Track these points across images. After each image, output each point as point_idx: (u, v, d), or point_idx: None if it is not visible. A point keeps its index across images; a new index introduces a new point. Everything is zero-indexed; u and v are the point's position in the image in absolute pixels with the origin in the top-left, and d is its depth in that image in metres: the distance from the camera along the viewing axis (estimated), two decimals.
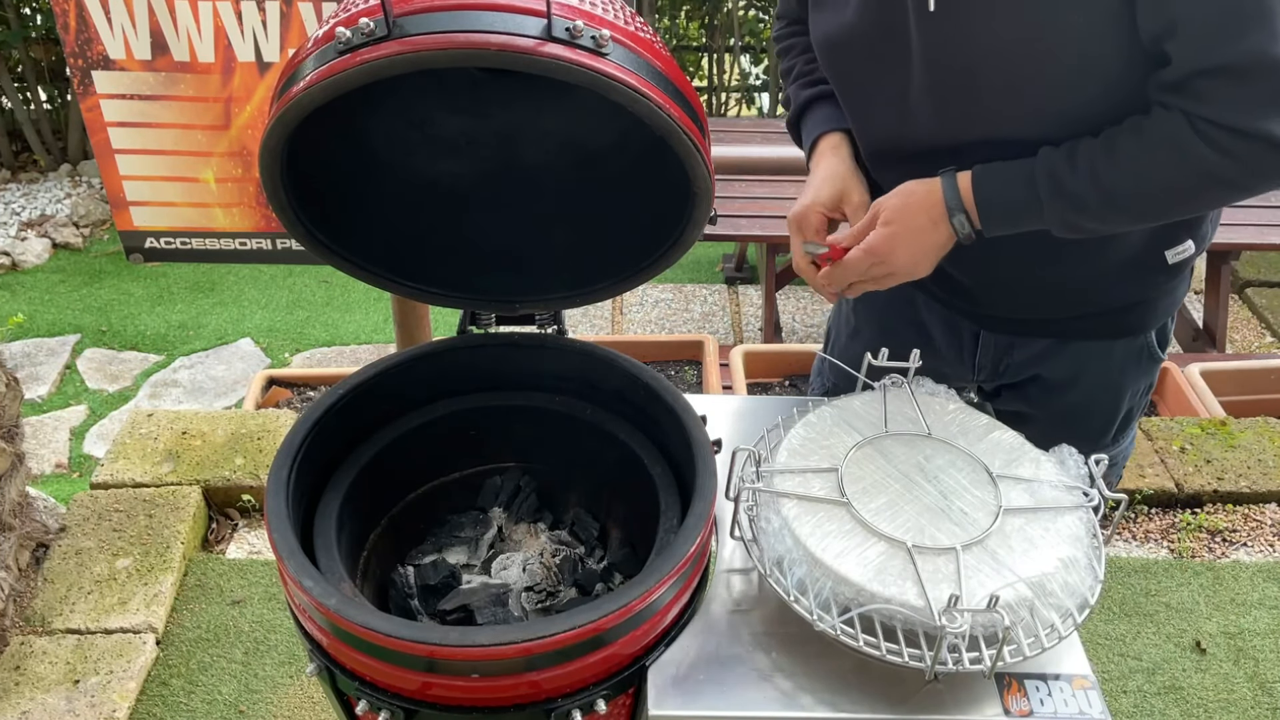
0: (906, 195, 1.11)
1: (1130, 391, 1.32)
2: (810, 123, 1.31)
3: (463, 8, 0.82)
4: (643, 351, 2.98)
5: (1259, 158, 0.96)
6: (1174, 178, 1.01)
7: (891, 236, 1.11)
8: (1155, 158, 1.00)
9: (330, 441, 1.11)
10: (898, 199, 1.12)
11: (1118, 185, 1.01)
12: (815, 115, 1.31)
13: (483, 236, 1.19)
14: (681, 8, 4.68)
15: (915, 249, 1.11)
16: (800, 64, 1.34)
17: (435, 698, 0.88)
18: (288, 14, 2.08)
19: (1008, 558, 0.93)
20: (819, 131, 1.28)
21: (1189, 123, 0.97)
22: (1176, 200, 1.04)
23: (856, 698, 0.92)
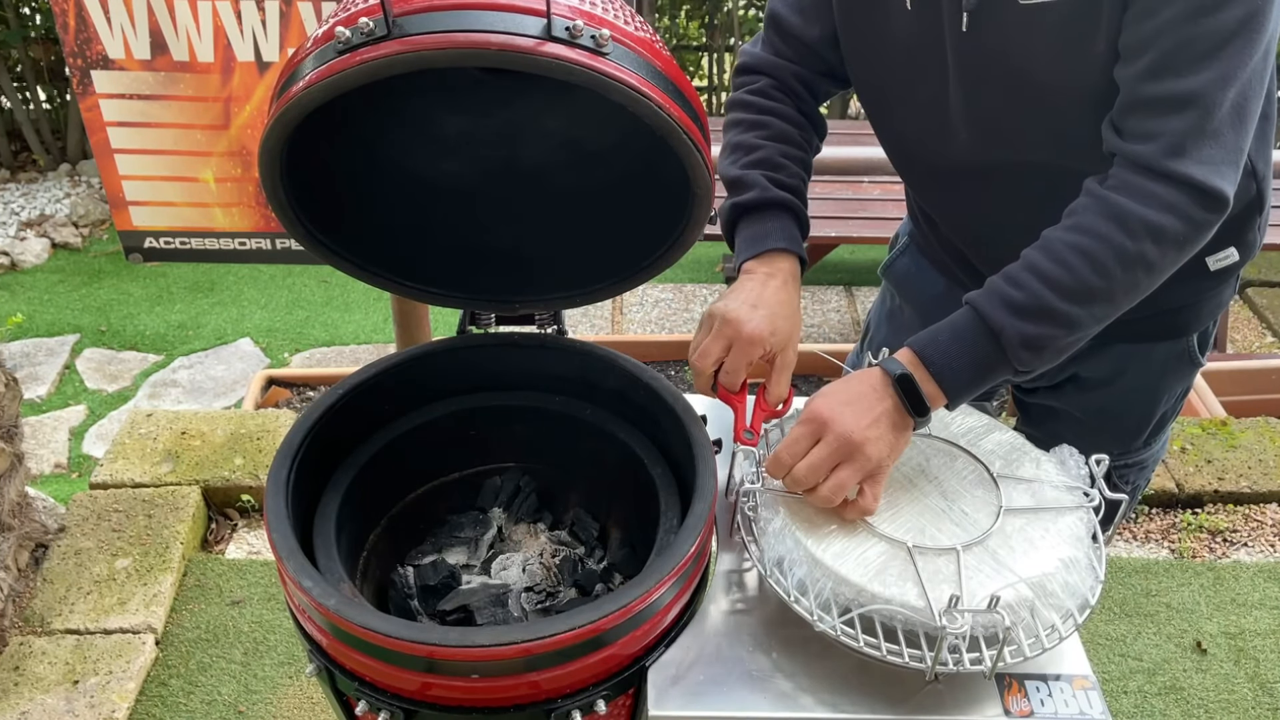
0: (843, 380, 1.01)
1: (1167, 395, 1.30)
2: (770, 228, 1.14)
3: (463, 7, 0.82)
4: (643, 351, 2.98)
5: (1183, 203, 0.93)
6: (1113, 246, 0.94)
7: (832, 401, 0.97)
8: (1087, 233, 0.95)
9: (330, 441, 1.11)
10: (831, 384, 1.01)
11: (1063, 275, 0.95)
12: (777, 223, 1.14)
13: (483, 236, 1.19)
14: (681, 8, 4.68)
15: (864, 412, 0.95)
16: (772, 152, 1.17)
17: (435, 698, 0.88)
18: (287, 14, 2.08)
19: (1008, 558, 0.93)
20: (781, 246, 1.12)
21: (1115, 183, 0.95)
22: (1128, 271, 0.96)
23: (856, 698, 0.92)
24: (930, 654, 0.87)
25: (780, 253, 1.12)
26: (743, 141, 1.19)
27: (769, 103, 1.20)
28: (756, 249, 1.13)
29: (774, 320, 1.06)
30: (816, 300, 3.72)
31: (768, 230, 1.14)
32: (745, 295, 1.08)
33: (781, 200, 1.14)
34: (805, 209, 1.18)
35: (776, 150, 1.18)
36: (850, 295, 3.75)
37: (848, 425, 0.94)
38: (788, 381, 1.10)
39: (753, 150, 1.18)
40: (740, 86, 1.24)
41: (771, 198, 1.14)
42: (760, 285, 1.10)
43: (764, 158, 1.17)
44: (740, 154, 1.19)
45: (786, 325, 1.08)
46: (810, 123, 1.23)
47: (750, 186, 1.15)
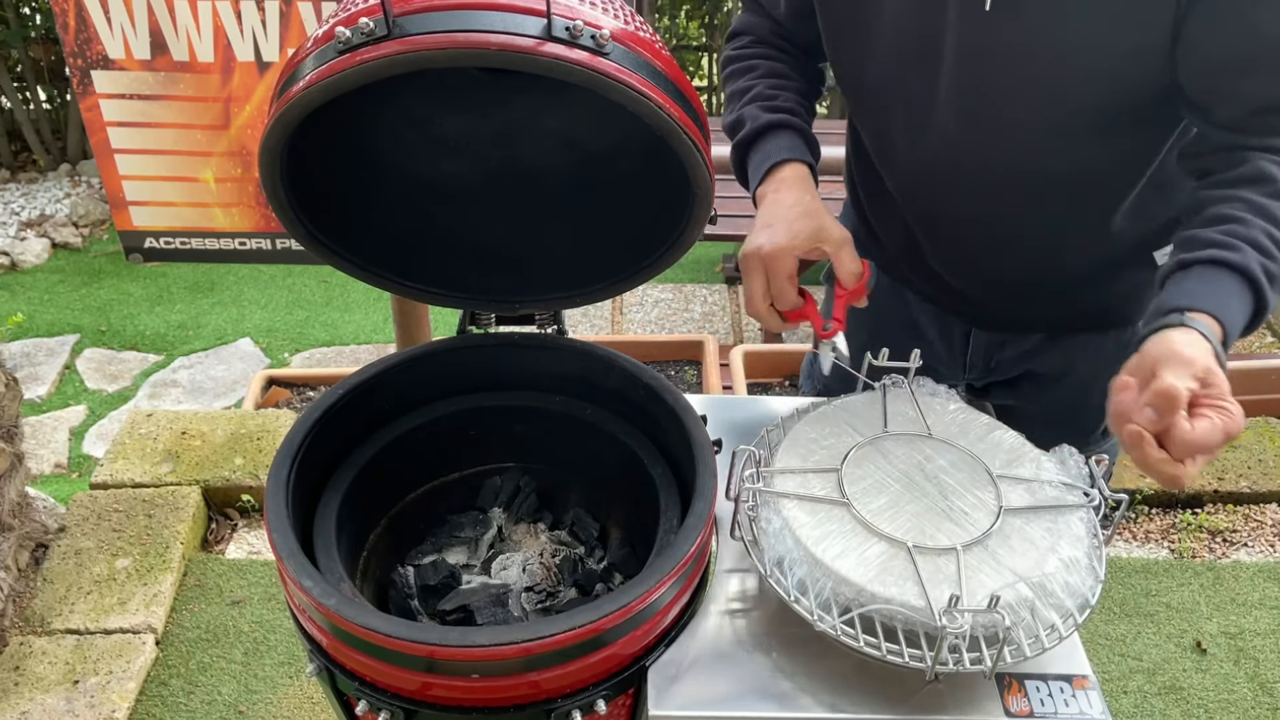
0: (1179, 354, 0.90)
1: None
2: (769, 147, 1.15)
3: (463, 7, 0.82)
4: (643, 351, 2.98)
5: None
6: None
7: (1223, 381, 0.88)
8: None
9: (330, 441, 1.11)
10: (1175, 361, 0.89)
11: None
12: (777, 140, 1.15)
13: (483, 236, 1.19)
14: (681, 8, 4.68)
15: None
16: (763, 86, 1.20)
17: (435, 698, 0.88)
18: (287, 14, 2.08)
19: (1008, 558, 0.93)
20: (782, 157, 1.14)
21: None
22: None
23: (857, 698, 0.92)
24: (930, 654, 0.87)
25: (781, 165, 1.12)
26: (735, 89, 1.22)
27: (755, 49, 1.23)
28: (759, 175, 1.13)
29: (790, 226, 1.05)
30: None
31: (766, 153, 1.14)
32: (758, 223, 1.08)
33: (774, 122, 1.15)
34: (806, 125, 1.16)
35: (766, 84, 1.19)
36: None
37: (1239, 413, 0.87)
38: (851, 255, 1.07)
39: (745, 94, 1.20)
40: (730, 48, 1.28)
41: (763, 123, 1.15)
42: (769, 206, 1.09)
43: (756, 94, 1.18)
44: (734, 101, 1.21)
45: (807, 222, 1.06)
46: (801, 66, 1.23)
47: (744, 123, 1.17)
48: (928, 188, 1.20)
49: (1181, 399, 0.85)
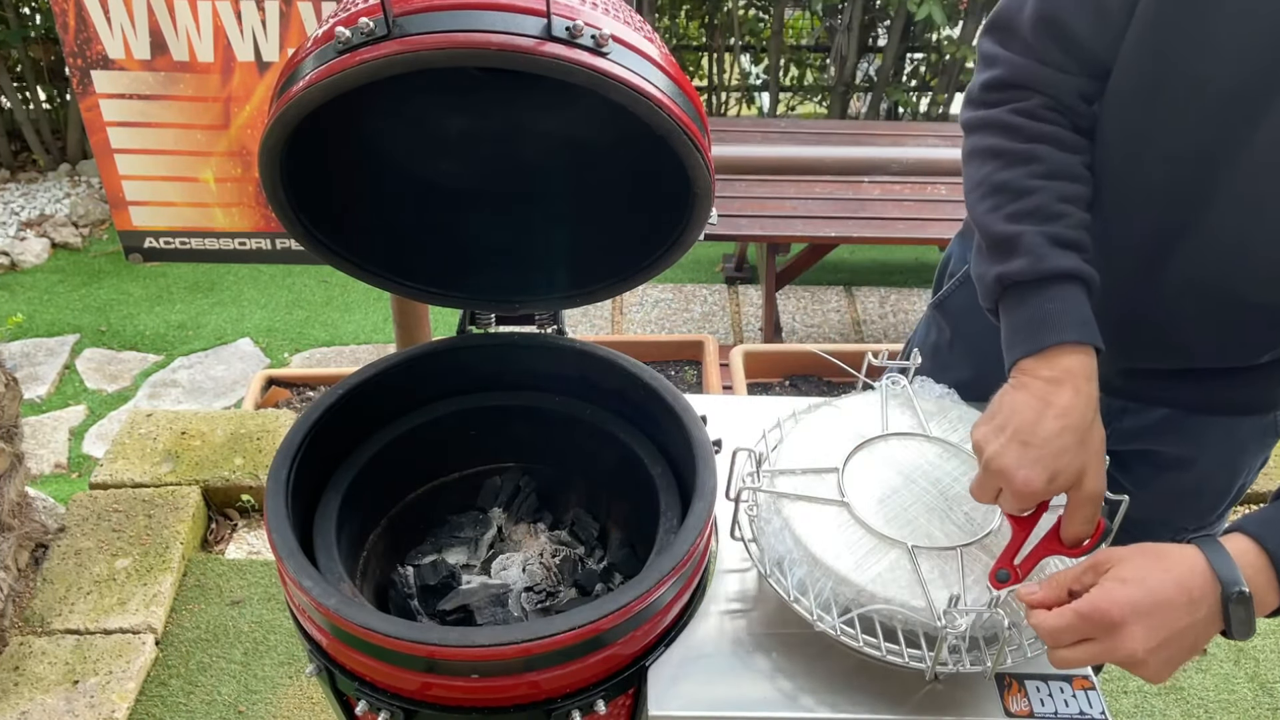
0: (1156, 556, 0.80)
1: (1247, 469, 1.15)
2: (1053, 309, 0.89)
3: (462, 7, 0.82)
4: (643, 351, 2.98)
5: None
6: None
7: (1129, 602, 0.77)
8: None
9: (330, 441, 1.11)
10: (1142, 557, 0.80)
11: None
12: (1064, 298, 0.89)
13: (483, 236, 1.19)
14: (681, 7, 4.67)
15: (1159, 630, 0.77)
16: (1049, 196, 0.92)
17: (435, 698, 0.88)
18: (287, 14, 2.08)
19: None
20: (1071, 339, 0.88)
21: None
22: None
23: (857, 698, 0.92)
24: (930, 654, 0.87)
25: (1072, 348, 0.88)
26: (1007, 181, 0.94)
27: (1041, 126, 0.95)
28: (1036, 344, 0.89)
29: (1054, 461, 0.85)
30: (816, 300, 3.72)
31: (1048, 315, 0.89)
32: (1017, 424, 0.86)
33: (1065, 271, 0.89)
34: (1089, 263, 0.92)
35: (1054, 193, 0.92)
36: (850, 295, 3.76)
37: (1135, 644, 0.76)
38: (1090, 518, 0.88)
39: (1022, 195, 0.92)
40: (999, 104, 0.97)
41: (1051, 269, 0.89)
42: (1039, 405, 0.86)
43: (1038, 206, 0.91)
44: (1005, 200, 0.93)
45: (1071, 461, 0.85)
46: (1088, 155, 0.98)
47: (1021, 251, 0.90)
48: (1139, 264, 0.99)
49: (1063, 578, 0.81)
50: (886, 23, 4.45)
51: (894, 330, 3.56)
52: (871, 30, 4.58)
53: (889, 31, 4.40)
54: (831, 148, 2.99)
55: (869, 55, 4.69)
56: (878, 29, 4.59)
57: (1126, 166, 0.96)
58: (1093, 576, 0.81)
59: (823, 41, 4.75)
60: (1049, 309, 0.89)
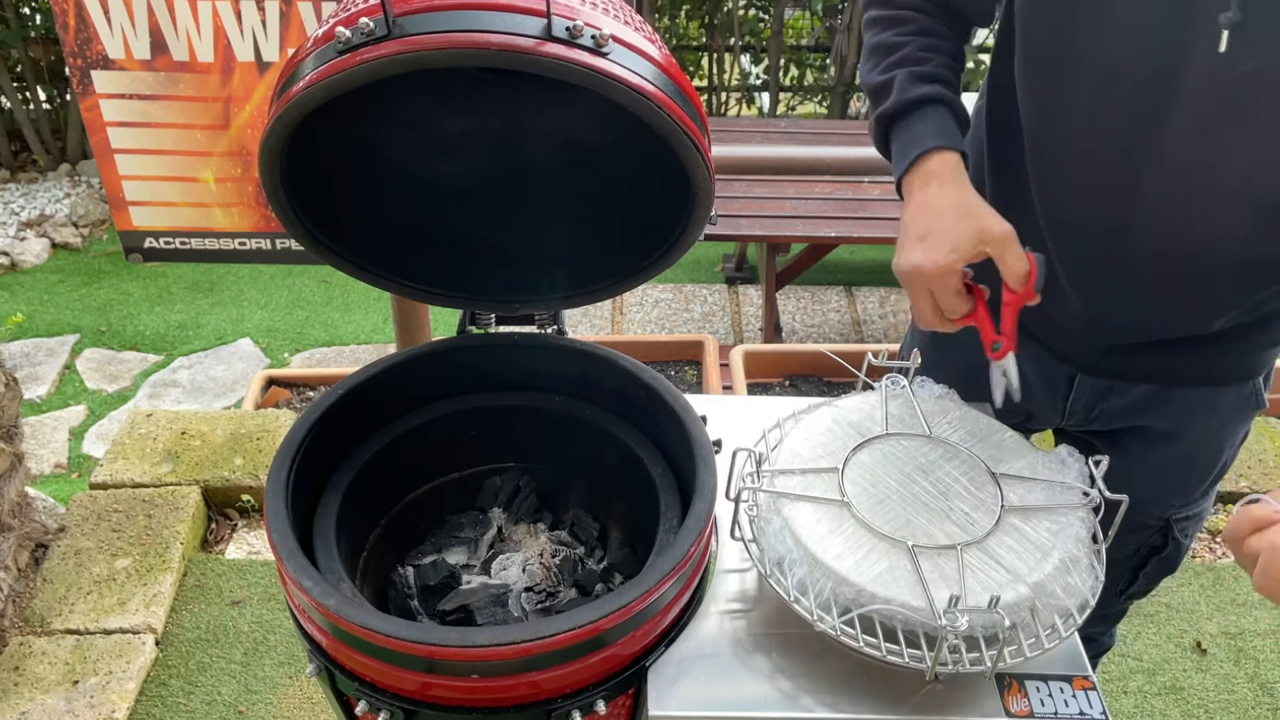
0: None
1: (1230, 441, 1.20)
2: (918, 128, 1.04)
3: (463, 7, 0.82)
4: (643, 351, 2.98)
5: None
6: None
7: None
8: None
9: (330, 441, 1.11)
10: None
11: None
12: (927, 119, 1.04)
13: (483, 236, 1.19)
14: (681, 7, 4.68)
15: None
16: (913, 47, 1.06)
17: (435, 698, 0.88)
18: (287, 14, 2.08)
19: (1008, 558, 0.93)
20: (931, 144, 1.02)
21: None
22: None
23: (857, 698, 0.92)
24: (930, 654, 0.87)
25: (933, 153, 1.02)
26: (881, 42, 1.09)
27: (906, 7, 1.10)
28: (906, 159, 1.03)
29: (949, 235, 0.96)
30: (816, 300, 3.72)
31: (914, 134, 1.03)
32: (911, 230, 0.99)
33: (925, 96, 1.04)
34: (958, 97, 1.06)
35: (918, 45, 1.06)
36: (850, 295, 3.76)
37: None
38: (1017, 255, 0.97)
39: (893, 50, 1.07)
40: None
41: (912, 97, 1.04)
42: (920, 209, 1.00)
43: (905, 55, 1.06)
44: (879, 56, 1.09)
45: (965, 225, 0.97)
46: (954, 24, 1.11)
47: (889, 90, 1.06)
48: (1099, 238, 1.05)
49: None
50: None
51: (894, 330, 3.56)
52: None
53: None
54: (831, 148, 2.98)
55: None
56: None
57: (1048, 145, 1.05)
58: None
59: (823, 41, 4.75)
60: (915, 129, 1.04)
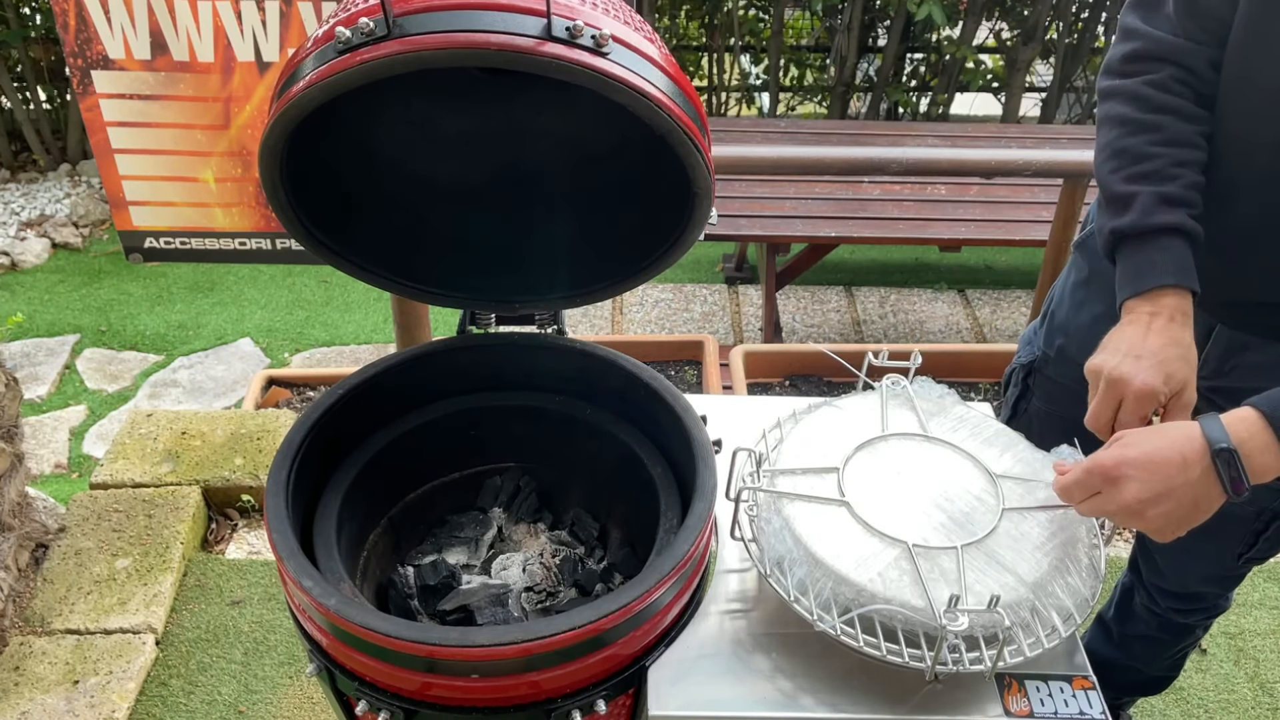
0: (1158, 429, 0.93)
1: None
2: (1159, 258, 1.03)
3: (462, 7, 0.82)
4: (643, 351, 2.98)
5: None
6: None
7: (1125, 459, 0.90)
8: None
9: (330, 441, 1.11)
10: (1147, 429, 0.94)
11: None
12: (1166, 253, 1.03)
13: (483, 236, 1.19)
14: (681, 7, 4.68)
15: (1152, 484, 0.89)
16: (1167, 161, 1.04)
17: (435, 698, 0.88)
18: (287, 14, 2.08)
19: (1008, 558, 0.93)
20: (1171, 281, 1.02)
21: None
22: None
23: (857, 698, 0.92)
24: (930, 654, 0.87)
25: (1170, 290, 1.02)
26: (1128, 147, 1.07)
27: (1167, 98, 1.07)
28: (1139, 286, 1.03)
29: (1164, 367, 0.99)
30: (816, 300, 3.72)
31: (1153, 263, 1.03)
32: (1128, 345, 1.01)
33: (1170, 225, 1.03)
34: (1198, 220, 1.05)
35: (1170, 159, 1.05)
36: (850, 295, 3.75)
37: (1129, 496, 0.89)
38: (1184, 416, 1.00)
39: (1141, 160, 1.06)
40: (1134, 75, 1.09)
41: (1157, 224, 1.03)
42: (1143, 329, 1.01)
43: (1154, 170, 1.05)
44: (1125, 163, 1.07)
45: (1179, 368, 1.00)
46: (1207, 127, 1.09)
47: (1134, 208, 1.04)
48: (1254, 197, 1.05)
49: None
50: (886, 23, 4.45)
51: (894, 330, 3.56)
52: (871, 30, 4.58)
53: (889, 31, 4.40)
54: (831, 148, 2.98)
55: (869, 55, 4.69)
56: (878, 29, 4.59)
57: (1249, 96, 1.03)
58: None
59: (823, 41, 4.75)
60: (1154, 258, 1.03)
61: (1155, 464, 0.89)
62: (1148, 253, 1.04)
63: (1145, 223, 1.03)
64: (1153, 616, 1.53)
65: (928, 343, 3.39)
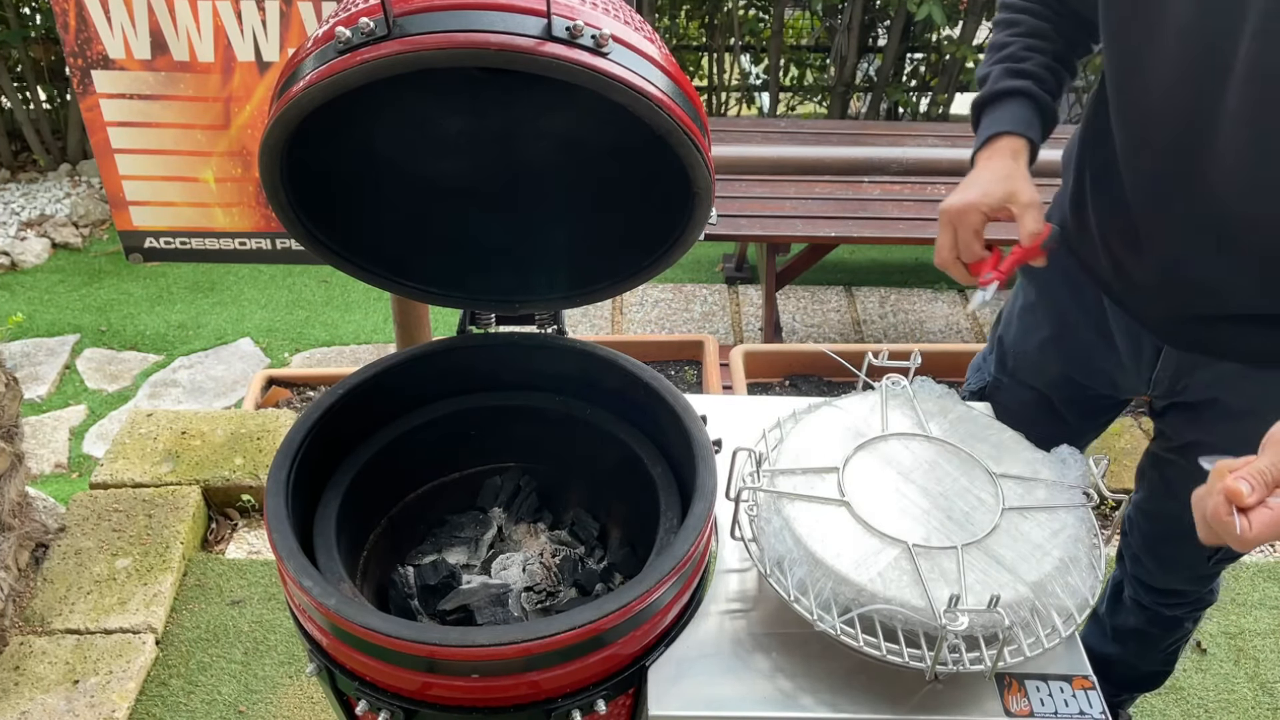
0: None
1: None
2: (997, 115, 1.19)
3: (463, 7, 0.82)
4: (643, 351, 2.98)
5: None
6: None
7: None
8: None
9: (330, 441, 1.11)
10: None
11: None
12: (1006, 110, 1.19)
13: (483, 236, 1.19)
14: (681, 7, 4.67)
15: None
16: (1018, 46, 1.21)
17: (435, 698, 0.88)
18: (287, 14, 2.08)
19: (1008, 558, 0.93)
20: (1004, 129, 1.17)
21: None
22: None
23: (857, 698, 0.92)
24: (930, 654, 0.87)
25: (1001, 136, 1.16)
26: (994, 41, 1.25)
27: (1025, 2, 1.24)
28: (981, 140, 1.18)
29: (984, 186, 1.11)
30: (816, 300, 3.72)
31: (995, 119, 1.18)
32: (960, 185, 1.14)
33: (1011, 90, 1.18)
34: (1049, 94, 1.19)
35: (1022, 44, 1.21)
36: (850, 295, 3.75)
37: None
38: (1035, 218, 1.10)
39: (999, 49, 1.23)
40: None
41: (1000, 89, 1.19)
42: (975, 170, 1.16)
43: (1008, 53, 1.21)
44: (990, 53, 1.24)
45: (1001, 184, 1.11)
46: (1068, 26, 1.22)
47: (985, 82, 1.21)
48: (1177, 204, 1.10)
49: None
50: (886, 23, 4.45)
51: (894, 330, 3.56)
52: (871, 30, 4.57)
53: (889, 31, 4.40)
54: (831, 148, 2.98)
55: (869, 55, 4.69)
56: (878, 29, 4.59)
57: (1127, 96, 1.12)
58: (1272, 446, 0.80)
59: (823, 41, 4.75)
60: (997, 115, 1.18)
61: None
62: (993, 113, 1.19)
63: (993, 89, 1.20)
64: (1141, 610, 1.55)
65: (928, 343, 3.39)
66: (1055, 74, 1.22)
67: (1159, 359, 1.23)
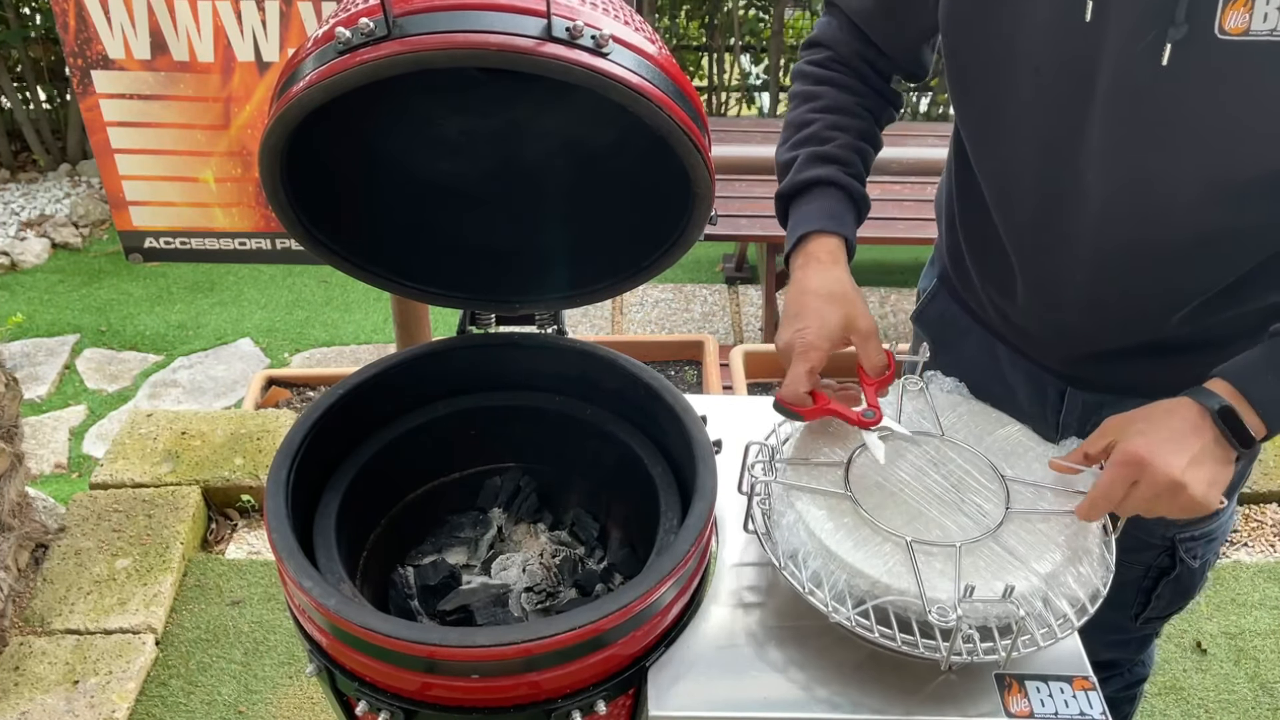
0: (1153, 408, 0.94)
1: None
2: (807, 211, 1.08)
3: (463, 8, 0.82)
4: (643, 351, 2.98)
5: None
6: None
7: (1150, 441, 0.90)
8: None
9: (330, 441, 1.11)
10: (1144, 412, 0.94)
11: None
12: (815, 203, 1.08)
13: (483, 236, 1.19)
14: (681, 8, 4.68)
15: (1184, 450, 0.89)
16: (820, 126, 1.11)
17: (435, 698, 0.88)
18: (287, 14, 2.08)
19: (1020, 549, 0.94)
20: (816, 227, 1.07)
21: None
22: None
23: (856, 698, 0.92)
24: (945, 644, 0.87)
25: (814, 236, 1.07)
26: (793, 118, 1.15)
27: (828, 71, 1.15)
28: (792, 240, 1.09)
29: (819, 317, 1.02)
30: None
31: (804, 215, 1.08)
32: (787, 310, 1.05)
33: (818, 179, 1.08)
34: (857, 179, 1.10)
35: (825, 123, 1.11)
36: None
37: (1169, 465, 0.88)
38: (876, 347, 1.04)
39: (801, 127, 1.13)
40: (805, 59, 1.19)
41: (806, 179, 1.08)
42: (796, 290, 1.05)
43: (811, 134, 1.11)
44: (788, 132, 1.14)
45: (833, 311, 1.02)
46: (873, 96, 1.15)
47: (789, 169, 1.10)
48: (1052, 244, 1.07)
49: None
50: None
51: (894, 330, 3.56)
52: None
53: None
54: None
55: None
56: None
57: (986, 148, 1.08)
58: (1102, 440, 0.96)
59: None
60: (805, 210, 1.09)
61: (1175, 433, 0.90)
62: (801, 207, 1.09)
63: (796, 179, 1.09)
64: None
65: None
66: (863, 155, 1.14)
67: (1064, 402, 1.20)
